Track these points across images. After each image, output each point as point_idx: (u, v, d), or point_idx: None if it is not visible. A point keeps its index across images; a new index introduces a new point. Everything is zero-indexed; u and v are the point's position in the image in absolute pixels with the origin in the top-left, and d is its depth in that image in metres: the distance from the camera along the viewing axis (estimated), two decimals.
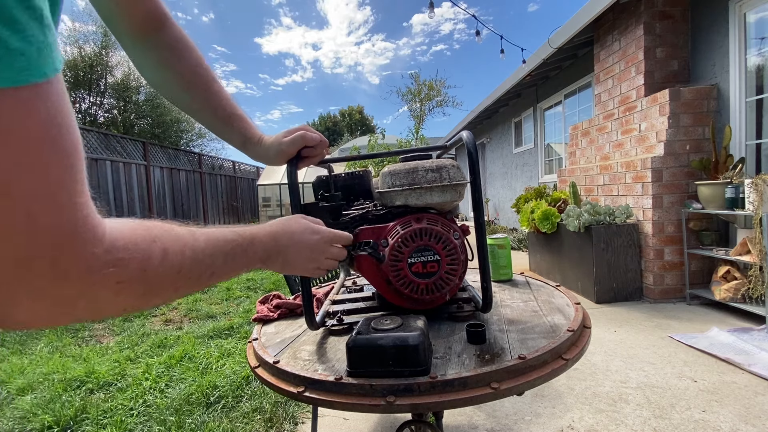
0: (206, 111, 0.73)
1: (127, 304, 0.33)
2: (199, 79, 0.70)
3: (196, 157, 10.64)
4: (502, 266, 1.24)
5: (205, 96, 0.71)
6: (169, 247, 0.36)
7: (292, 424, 1.80)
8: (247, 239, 0.53)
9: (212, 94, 0.71)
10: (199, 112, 0.73)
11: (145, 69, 0.69)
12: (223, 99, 0.73)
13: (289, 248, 0.63)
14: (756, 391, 1.83)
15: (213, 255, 0.44)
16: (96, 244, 0.27)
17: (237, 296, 4.29)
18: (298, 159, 0.79)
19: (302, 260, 0.66)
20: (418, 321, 0.70)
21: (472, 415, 1.77)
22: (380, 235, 0.83)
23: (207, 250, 0.43)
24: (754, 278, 2.55)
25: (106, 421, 1.89)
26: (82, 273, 0.27)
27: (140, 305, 0.35)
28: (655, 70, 3.56)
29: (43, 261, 0.24)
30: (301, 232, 0.66)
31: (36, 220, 0.24)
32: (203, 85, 0.70)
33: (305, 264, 0.67)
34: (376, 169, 7.22)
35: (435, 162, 0.87)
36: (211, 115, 0.73)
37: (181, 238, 0.39)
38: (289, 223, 0.66)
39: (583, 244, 3.42)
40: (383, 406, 0.60)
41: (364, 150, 9.85)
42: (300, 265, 0.66)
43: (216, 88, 0.72)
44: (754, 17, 3.03)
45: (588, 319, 0.86)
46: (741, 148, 3.09)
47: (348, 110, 34.16)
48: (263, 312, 1.05)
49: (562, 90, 5.98)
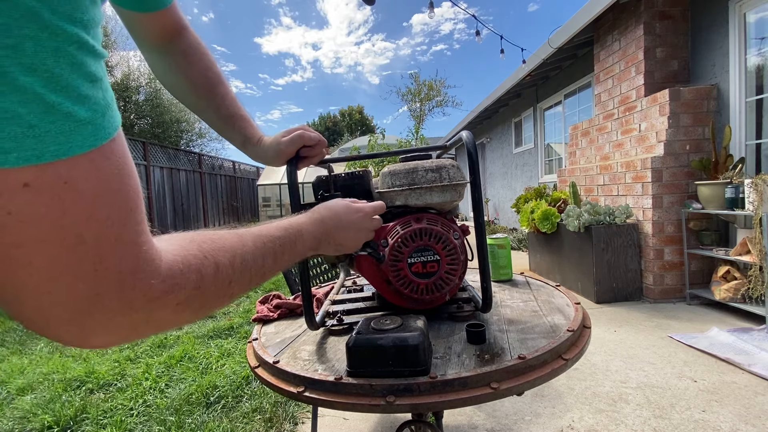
0: (210, 111, 0.76)
1: (185, 318, 0.36)
2: (207, 82, 0.73)
3: (196, 157, 10.64)
4: (502, 266, 1.23)
5: (209, 97, 0.74)
6: (220, 261, 0.38)
7: (292, 424, 1.80)
8: (294, 233, 0.54)
9: (216, 95, 0.74)
10: (204, 112, 0.77)
11: (159, 71, 0.74)
12: (227, 100, 0.76)
13: (338, 231, 0.66)
14: (756, 391, 1.83)
15: (263, 256, 0.46)
16: (155, 276, 0.31)
17: None
18: (297, 159, 0.79)
19: (351, 239, 0.69)
20: (418, 321, 0.70)
21: (472, 415, 1.77)
22: (380, 235, 0.83)
23: (257, 252, 0.45)
24: (754, 278, 2.55)
25: (106, 421, 1.89)
26: (144, 303, 0.30)
27: (198, 316, 0.38)
28: (655, 70, 3.56)
29: (111, 296, 0.28)
30: (346, 212, 0.69)
31: (105, 262, 0.27)
32: (209, 87, 0.74)
33: (355, 242, 0.71)
34: (376, 169, 7.22)
35: (435, 162, 0.87)
36: (214, 115, 0.76)
37: (230, 248, 0.41)
38: (332, 206, 0.68)
39: (583, 244, 3.42)
40: (383, 406, 0.60)
41: (364, 150, 9.85)
42: (350, 243, 0.70)
43: (221, 90, 0.75)
44: (754, 17, 3.03)
45: (588, 319, 0.86)
46: (741, 148, 3.09)
47: (348, 110, 34.15)
48: (263, 312, 1.05)
49: (562, 90, 5.98)
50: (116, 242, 0.28)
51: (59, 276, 0.26)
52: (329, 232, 0.63)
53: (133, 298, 0.29)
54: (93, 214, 0.26)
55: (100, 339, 0.30)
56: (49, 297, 0.26)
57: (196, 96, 0.74)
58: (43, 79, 0.23)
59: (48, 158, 0.24)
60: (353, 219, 0.69)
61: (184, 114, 12.62)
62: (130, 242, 0.29)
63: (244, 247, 0.43)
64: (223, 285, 0.38)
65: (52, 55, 0.24)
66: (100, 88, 0.27)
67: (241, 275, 0.41)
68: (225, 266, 0.39)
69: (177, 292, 0.32)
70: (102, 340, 0.30)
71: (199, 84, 0.73)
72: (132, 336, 0.32)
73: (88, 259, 0.27)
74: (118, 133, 0.29)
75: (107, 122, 0.27)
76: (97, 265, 0.27)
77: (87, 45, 0.26)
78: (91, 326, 0.28)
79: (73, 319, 0.27)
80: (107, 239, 0.27)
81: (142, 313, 0.30)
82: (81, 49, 0.25)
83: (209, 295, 0.37)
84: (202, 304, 0.36)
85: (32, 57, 0.23)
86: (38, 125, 0.23)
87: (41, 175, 0.24)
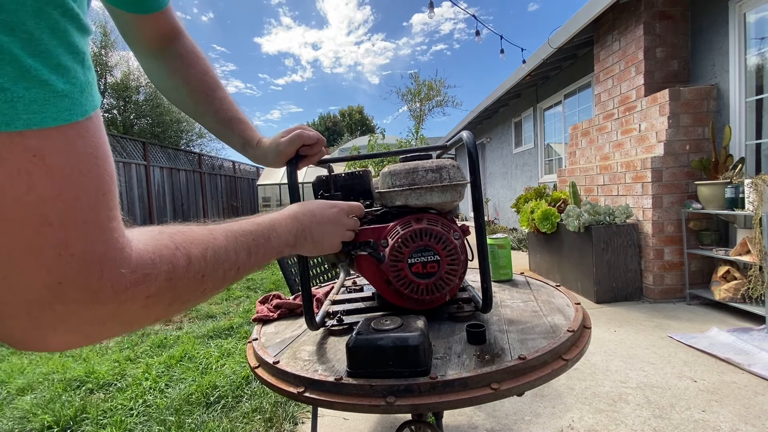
0: (208, 115, 0.75)
1: (156, 315, 0.33)
2: (204, 86, 0.73)
3: (196, 157, 10.63)
4: (502, 266, 1.23)
5: (207, 101, 0.74)
6: (192, 253, 0.36)
7: (292, 424, 1.80)
8: (266, 227, 0.53)
9: (215, 99, 0.74)
10: (203, 117, 0.76)
11: (155, 76, 0.73)
12: (225, 103, 0.75)
13: (312, 226, 0.65)
14: (756, 391, 1.83)
15: (236, 251, 0.44)
16: (124, 265, 0.28)
17: (237, 296, 4.29)
18: (297, 159, 0.79)
19: (328, 235, 0.68)
20: (418, 321, 0.70)
21: (472, 415, 1.77)
22: (380, 235, 0.83)
23: (229, 246, 0.43)
24: (753, 278, 2.55)
25: (106, 421, 1.89)
26: (112, 294, 0.28)
27: (169, 313, 0.35)
28: (655, 70, 3.56)
29: (75, 285, 0.26)
30: (320, 209, 0.68)
31: (70, 247, 0.25)
32: (207, 91, 0.73)
33: (332, 238, 0.69)
34: (376, 169, 7.21)
35: (435, 162, 0.87)
36: (212, 119, 0.76)
37: (202, 241, 0.39)
38: (305, 204, 0.68)
39: (583, 244, 3.42)
40: (383, 407, 0.60)
41: (363, 150, 9.85)
42: (327, 240, 0.68)
43: (220, 94, 0.74)
44: (754, 17, 3.03)
45: (588, 319, 0.86)
46: (741, 148, 3.09)
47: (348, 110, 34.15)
48: (263, 312, 1.05)
49: (562, 90, 5.98)
50: (84, 226, 0.26)
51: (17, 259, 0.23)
52: (304, 228, 0.63)
53: (99, 289, 0.27)
54: (61, 194, 0.24)
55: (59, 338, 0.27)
56: (4, 283, 0.23)
57: (194, 100, 0.73)
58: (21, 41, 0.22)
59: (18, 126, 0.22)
60: (328, 215, 0.68)
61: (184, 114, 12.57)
62: (99, 227, 0.27)
63: (215, 240, 0.41)
64: (195, 278, 0.36)
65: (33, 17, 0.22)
66: (82, 64, 0.25)
67: (215, 269, 0.39)
68: (197, 258, 0.37)
69: (148, 283, 0.30)
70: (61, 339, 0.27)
71: (197, 88, 0.72)
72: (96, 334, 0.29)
73: (52, 242, 0.24)
74: (96, 113, 0.27)
75: (85, 99, 0.25)
76: (62, 249, 0.25)
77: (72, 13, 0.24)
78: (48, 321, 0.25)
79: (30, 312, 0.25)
80: (74, 222, 0.25)
81: (109, 306, 0.28)
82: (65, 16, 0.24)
83: (181, 289, 0.35)
84: (173, 298, 0.34)
85: (11, 15, 0.21)
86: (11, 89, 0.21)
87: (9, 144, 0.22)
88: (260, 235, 0.50)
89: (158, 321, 0.35)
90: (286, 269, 1.63)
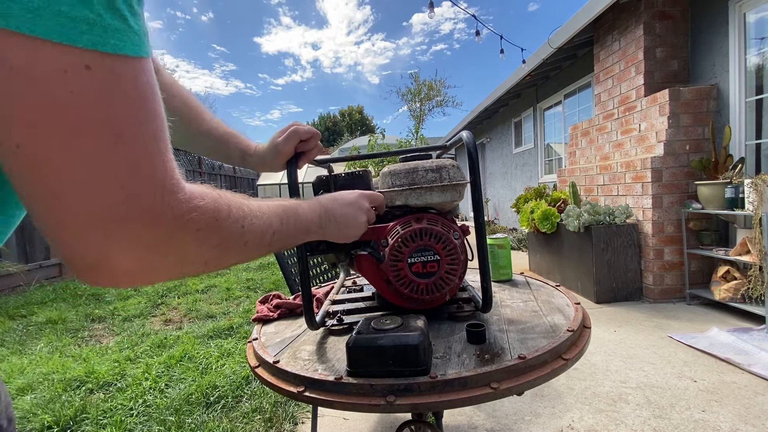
0: (202, 135, 0.77)
1: (207, 255, 0.36)
2: (193, 110, 0.75)
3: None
4: (502, 266, 1.23)
5: (199, 121, 0.76)
6: (231, 203, 0.39)
7: (292, 424, 1.80)
8: (293, 204, 0.56)
9: (204, 120, 0.77)
10: (196, 138, 0.77)
11: None
12: (215, 122, 0.78)
13: (335, 208, 0.67)
14: (756, 391, 1.83)
15: (268, 215, 0.47)
16: (180, 192, 0.31)
17: (237, 296, 4.29)
18: (296, 157, 0.80)
19: (351, 218, 0.70)
20: (418, 321, 0.70)
21: (472, 415, 1.77)
22: (380, 235, 0.83)
23: (262, 209, 0.46)
24: (753, 278, 2.55)
25: (106, 421, 1.89)
26: (171, 217, 0.30)
27: (217, 259, 0.37)
28: (655, 70, 3.56)
29: (143, 204, 0.28)
30: (340, 193, 0.72)
31: (138, 168, 0.28)
32: (197, 113, 0.75)
33: (355, 221, 0.70)
34: (376, 169, 7.22)
35: (435, 162, 0.87)
36: (206, 139, 0.77)
37: (237, 199, 0.41)
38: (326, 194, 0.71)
39: (583, 244, 3.42)
40: (383, 406, 0.60)
41: (364, 150, 9.85)
42: (351, 222, 0.70)
43: (207, 116, 0.77)
44: (754, 17, 3.03)
45: (588, 319, 0.86)
46: (741, 148, 3.09)
47: (348, 110, 34.17)
48: (263, 312, 1.05)
49: (562, 90, 5.98)
50: (149, 149, 0.28)
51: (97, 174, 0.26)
52: (327, 210, 0.65)
53: (161, 211, 0.29)
54: (134, 116, 0.27)
55: (126, 262, 0.29)
56: (81, 199, 0.26)
57: (186, 124, 0.75)
58: None
59: (108, 49, 0.25)
60: (348, 198, 0.71)
61: None
62: (161, 153, 0.29)
63: (249, 202, 0.44)
64: (236, 226, 0.38)
65: None
66: (143, 21, 0.29)
67: (252, 224, 0.42)
68: (237, 209, 0.39)
69: (198, 214, 0.33)
70: (127, 263, 0.29)
71: (186, 112, 0.74)
72: (157, 264, 0.32)
73: (126, 159, 0.27)
74: (151, 58, 0.30)
75: (146, 44, 0.29)
76: (133, 168, 0.27)
77: None
78: (119, 239, 0.28)
79: (105, 229, 0.27)
80: (144, 143, 0.28)
81: (167, 230, 0.30)
82: None
83: (225, 232, 0.37)
84: (219, 240, 0.36)
85: None
86: (104, 16, 0.25)
87: (101, 62, 0.25)
88: (288, 208, 0.53)
89: (209, 267, 0.37)
90: (286, 269, 1.63)
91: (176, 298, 4.34)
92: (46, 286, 5.14)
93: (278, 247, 0.50)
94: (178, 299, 4.26)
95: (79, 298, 4.43)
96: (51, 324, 3.56)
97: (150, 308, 3.98)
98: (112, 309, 3.97)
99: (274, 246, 0.48)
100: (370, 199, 0.76)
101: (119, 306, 4.06)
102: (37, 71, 0.23)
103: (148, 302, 4.16)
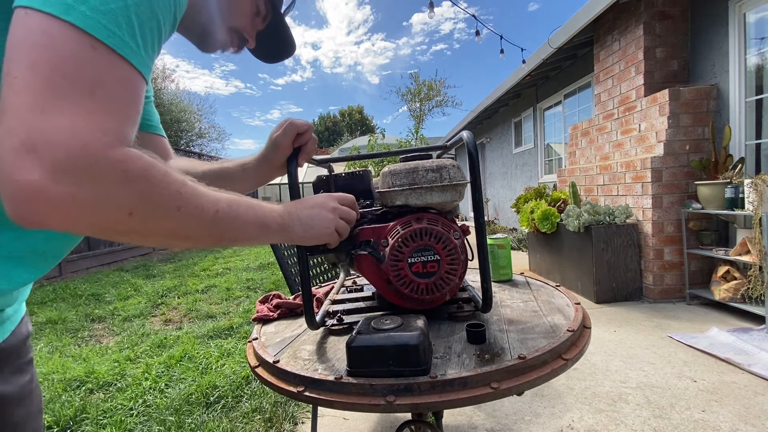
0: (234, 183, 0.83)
1: (133, 202, 0.38)
2: (211, 172, 0.82)
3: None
4: (502, 266, 1.23)
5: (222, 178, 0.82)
6: (172, 171, 0.42)
7: (291, 424, 1.80)
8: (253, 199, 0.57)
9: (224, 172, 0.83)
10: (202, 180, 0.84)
11: None
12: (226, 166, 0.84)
13: (300, 210, 0.66)
14: (756, 391, 1.83)
15: (218, 196, 0.49)
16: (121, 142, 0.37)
17: (237, 296, 4.29)
18: (296, 154, 0.80)
19: (318, 219, 0.68)
20: (418, 321, 0.70)
21: (472, 415, 1.77)
22: (380, 235, 0.83)
23: (213, 192, 0.48)
24: (753, 278, 2.55)
25: (106, 421, 1.89)
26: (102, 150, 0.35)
27: (144, 212, 0.39)
28: (655, 70, 3.56)
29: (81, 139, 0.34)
30: (307, 197, 0.72)
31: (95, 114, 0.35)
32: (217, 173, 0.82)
33: (322, 223, 0.68)
34: (376, 169, 7.21)
35: (435, 162, 0.87)
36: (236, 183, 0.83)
37: (183, 176, 0.44)
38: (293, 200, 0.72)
39: (583, 244, 3.42)
40: (383, 406, 0.60)
41: (364, 150, 9.85)
42: (318, 222, 0.68)
43: (199, 164, 0.83)
44: (754, 17, 3.03)
45: (588, 319, 0.86)
46: (741, 148, 3.09)
47: (348, 110, 34.17)
48: (263, 312, 1.05)
49: (562, 90, 5.98)
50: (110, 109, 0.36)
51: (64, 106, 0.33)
52: (291, 212, 0.65)
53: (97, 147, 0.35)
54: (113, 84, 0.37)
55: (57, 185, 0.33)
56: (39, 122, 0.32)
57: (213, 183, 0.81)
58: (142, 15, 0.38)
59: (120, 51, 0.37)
60: (315, 199, 0.71)
61: (184, 114, 12.60)
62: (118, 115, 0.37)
63: (197, 182, 0.47)
64: (169, 188, 0.41)
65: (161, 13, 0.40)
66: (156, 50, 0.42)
67: (192, 195, 0.44)
68: (176, 178, 0.42)
69: (129, 160, 0.37)
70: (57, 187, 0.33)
71: (208, 176, 0.81)
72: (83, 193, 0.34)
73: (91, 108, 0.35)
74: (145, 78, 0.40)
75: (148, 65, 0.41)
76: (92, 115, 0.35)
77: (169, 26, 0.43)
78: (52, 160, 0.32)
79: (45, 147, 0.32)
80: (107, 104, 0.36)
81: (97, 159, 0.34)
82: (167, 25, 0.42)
83: (154, 188, 0.39)
84: (146, 189, 0.38)
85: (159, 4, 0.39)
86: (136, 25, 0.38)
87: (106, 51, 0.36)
88: (245, 198, 0.55)
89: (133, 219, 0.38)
90: (286, 269, 1.63)
91: (176, 298, 4.34)
92: (46, 286, 5.14)
93: (226, 229, 0.50)
94: (178, 299, 4.26)
95: (79, 298, 4.43)
96: (51, 324, 3.56)
97: (150, 308, 3.98)
98: (112, 309, 3.97)
99: (218, 226, 0.48)
100: (338, 199, 0.74)
101: (119, 306, 4.06)
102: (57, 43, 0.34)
103: (148, 302, 4.16)
